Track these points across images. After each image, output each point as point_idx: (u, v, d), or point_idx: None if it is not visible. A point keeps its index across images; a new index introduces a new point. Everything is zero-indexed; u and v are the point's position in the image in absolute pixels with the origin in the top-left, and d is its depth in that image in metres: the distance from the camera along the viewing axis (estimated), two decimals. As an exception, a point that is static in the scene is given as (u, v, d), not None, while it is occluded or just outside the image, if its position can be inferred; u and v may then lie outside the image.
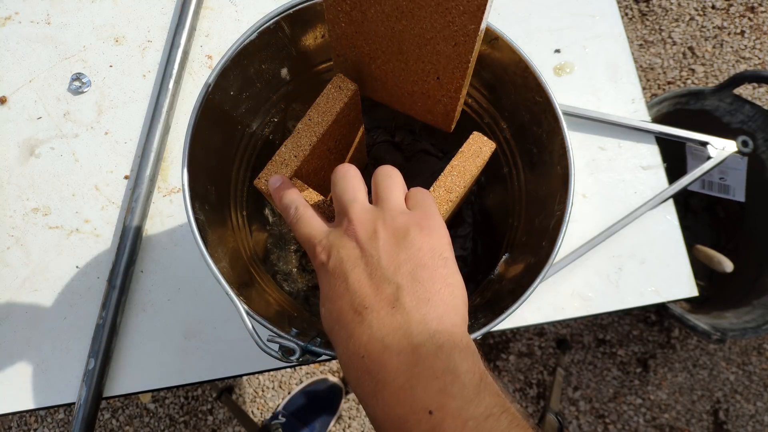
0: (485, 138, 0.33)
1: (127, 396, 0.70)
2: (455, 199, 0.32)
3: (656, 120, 0.92)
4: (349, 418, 1.09)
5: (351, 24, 0.32)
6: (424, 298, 0.24)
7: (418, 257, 0.25)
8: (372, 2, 0.31)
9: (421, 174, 0.53)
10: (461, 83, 0.31)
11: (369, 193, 0.29)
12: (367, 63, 0.35)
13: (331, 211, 0.31)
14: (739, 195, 0.80)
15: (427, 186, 0.31)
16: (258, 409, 1.09)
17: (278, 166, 0.33)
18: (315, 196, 0.32)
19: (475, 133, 0.33)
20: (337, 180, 0.29)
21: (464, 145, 0.33)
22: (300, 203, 0.30)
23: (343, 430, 1.09)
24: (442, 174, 0.32)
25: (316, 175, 0.38)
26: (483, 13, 0.27)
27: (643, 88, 1.26)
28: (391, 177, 0.29)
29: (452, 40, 0.29)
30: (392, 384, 0.23)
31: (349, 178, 0.28)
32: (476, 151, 0.33)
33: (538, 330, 1.15)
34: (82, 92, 0.57)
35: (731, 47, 1.28)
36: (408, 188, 0.29)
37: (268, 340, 0.32)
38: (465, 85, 0.31)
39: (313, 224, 0.28)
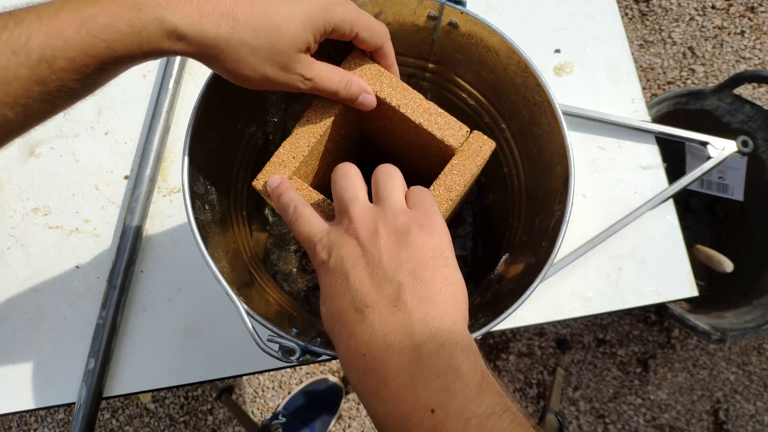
0: (485, 137, 0.33)
1: (127, 396, 0.70)
2: (455, 198, 0.32)
3: (656, 120, 0.92)
4: (350, 418, 1.09)
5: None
6: (426, 297, 0.24)
7: (419, 256, 0.25)
8: (384, 122, 0.35)
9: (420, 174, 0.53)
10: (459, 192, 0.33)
11: (369, 192, 0.29)
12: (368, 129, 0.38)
13: (330, 210, 0.31)
14: (737, 194, 0.80)
15: (428, 185, 0.31)
16: (258, 409, 1.09)
17: (276, 167, 0.33)
18: (315, 195, 0.32)
19: (475, 132, 0.33)
20: (337, 179, 0.29)
21: (464, 144, 0.33)
22: (299, 202, 0.30)
23: (343, 430, 1.09)
24: (442, 173, 0.32)
25: (316, 175, 0.38)
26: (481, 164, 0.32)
27: (643, 88, 1.26)
28: (391, 176, 0.29)
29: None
30: (394, 382, 0.23)
31: (349, 176, 0.28)
32: (476, 150, 0.33)
33: (538, 330, 1.15)
34: (82, 92, 0.57)
35: (731, 47, 1.28)
36: (408, 187, 0.30)
37: (268, 340, 0.32)
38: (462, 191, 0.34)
39: (312, 223, 0.28)
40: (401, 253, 0.25)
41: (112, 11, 0.23)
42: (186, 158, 0.34)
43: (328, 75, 0.30)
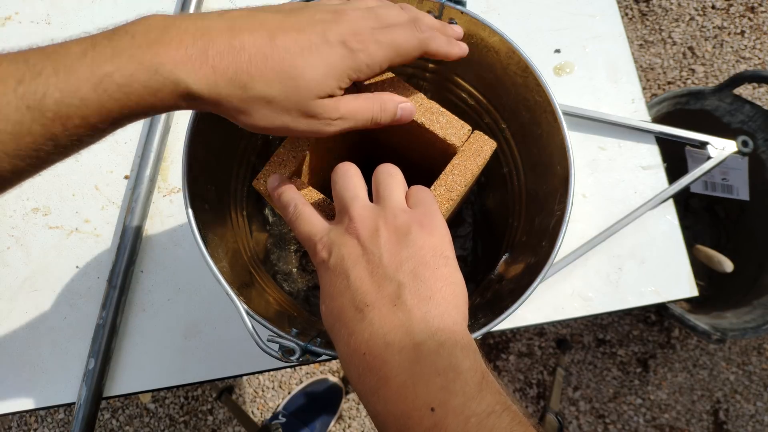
0: (486, 137, 0.33)
1: (127, 396, 0.70)
2: (456, 197, 0.32)
3: (656, 120, 0.92)
4: (349, 418, 1.09)
5: None
6: (426, 296, 0.24)
7: (420, 255, 0.25)
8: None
9: (421, 173, 0.53)
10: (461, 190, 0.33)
11: (369, 191, 0.29)
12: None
13: (331, 209, 0.31)
14: (743, 194, 0.80)
15: (428, 184, 0.31)
16: (258, 409, 1.09)
17: (276, 167, 0.33)
18: (315, 194, 0.32)
19: (476, 132, 0.33)
20: (337, 178, 0.29)
21: (465, 144, 0.33)
22: (299, 201, 0.30)
23: (343, 430, 1.09)
24: (442, 173, 0.33)
25: (316, 175, 0.38)
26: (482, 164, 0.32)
27: (643, 88, 1.26)
28: (392, 175, 0.29)
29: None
30: (394, 380, 0.23)
31: (349, 176, 0.28)
32: (477, 150, 0.33)
33: (538, 330, 1.15)
34: (82, 92, 0.57)
35: (731, 47, 1.28)
36: (409, 186, 0.30)
37: (268, 340, 0.32)
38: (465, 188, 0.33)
39: (313, 222, 0.28)
40: (402, 252, 0.25)
41: (130, 72, 0.23)
42: (186, 158, 0.34)
43: (357, 107, 0.28)
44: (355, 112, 0.28)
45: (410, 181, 0.30)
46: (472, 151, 0.33)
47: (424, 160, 0.38)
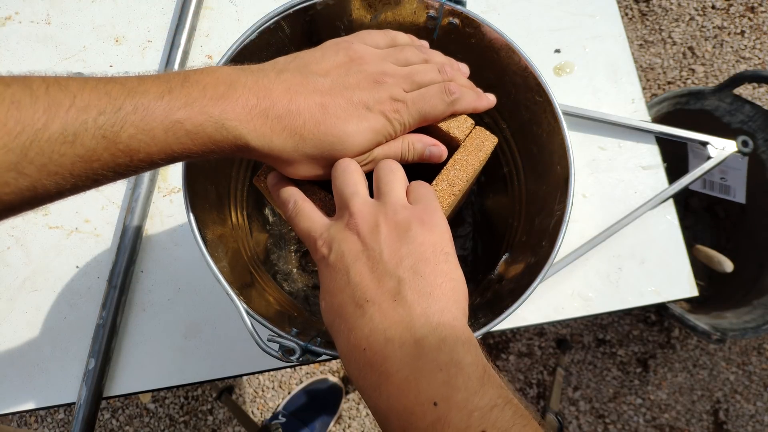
0: (487, 132, 0.34)
1: (127, 396, 0.70)
2: (458, 192, 0.32)
3: (656, 120, 0.92)
4: (349, 418, 1.09)
5: None
6: (426, 292, 0.24)
7: (420, 252, 0.25)
8: None
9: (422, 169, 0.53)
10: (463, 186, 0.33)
11: (370, 187, 0.29)
12: None
13: (331, 206, 0.31)
14: (739, 196, 0.80)
15: (429, 180, 0.31)
16: (258, 409, 1.09)
17: None
18: (315, 191, 0.32)
19: (477, 127, 0.33)
20: (337, 174, 0.29)
21: (467, 139, 0.33)
22: (299, 197, 0.30)
23: (343, 430, 1.09)
24: (444, 168, 0.33)
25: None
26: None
27: (643, 88, 1.26)
28: (393, 171, 0.29)
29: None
30: (396, 376, 0.23)
31: (349, 172, 0.29)
32: (479, 145, 0.33)
33: (538, 330, 1.15)
34: (82, 92, 0.57)
35: (731, 47, 1.28)
36: (409, 182, 0.30)
37: (268, 340, 0.32)
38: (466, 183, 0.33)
39: (313, 218, 0.29)
40: (402, 248, 0.25)
41: (199, 122, 0.25)
42: (186, 158, 0.34)
43: (387, 150, 0.31)
44: (385, 154, 0.31)
45: (411, 176, 0.30)
46: (474, 146, 0.33)
47: None
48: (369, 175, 0.30)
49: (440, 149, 0.32)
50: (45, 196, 0.24)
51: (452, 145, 0.34)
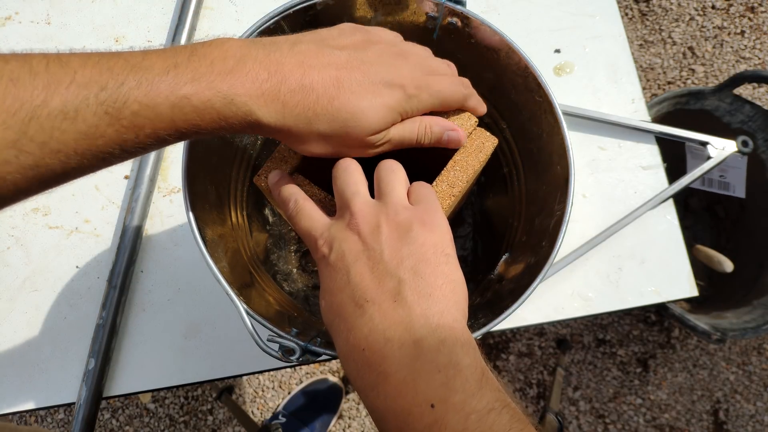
0: (488, 133, 0.34)
1: (127, 396, 0.70)
2: (458, 194, 0.32)
3: (656, 120, 0.92)
4: (350, 417, 1.09)
5: None
6: (426, 293, 0.24)
7: (421, 253, 0.25)
8: None
9: (422, 170, 0.53)
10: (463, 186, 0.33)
11: (370, 187, 0.29)
12: None
13: (332, 206, 0.31)
14: (739, 191, 0.80)
15: (430, 181, 0.31)
16: (258, 409, 1.09)
17: (278, 163, 0.33)
18: (316, 190, 0.32)
19: (477, 128, 0.33)
20: (338, 174, 0.29)
21: (467, 140, 0.33)
22: (299, 196, 0.30)
23: (343, 430, 1.09)
24: (444, 169, 0.33)
25: (316, 172, 0.38)
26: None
27: (643, 88, 1.26)
28: (393, 171, 0.29)
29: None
30: (394, 376, 0.23)
31: (350, 172, 0.29)
32: (479, 146, 0.33)
33: (538, 330, 1.15)
34: (82, 92, 0.57)
35: (731, 47, 1.28)
36: (410, 182, 0.30)
37: (268, 340, 0.32)
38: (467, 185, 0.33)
39: (314, 217, 0.29)
40: (402, 249, 0.25)
41: (206, 98, 0.24)
42: (186, 158, 0.34)
43: (403, 131, 0.30)
44: (401, 135, 0.30)
45: (411, 177, 0.30)
46: (474, 147, 0.33)
47: (425, 156, 0.38)
48: (369, 175, 0.30)
49: (459, 134, 0.31)
50: (51, 176, 0.23)
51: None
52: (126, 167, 0.55)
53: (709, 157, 0.57)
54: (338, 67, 0.27)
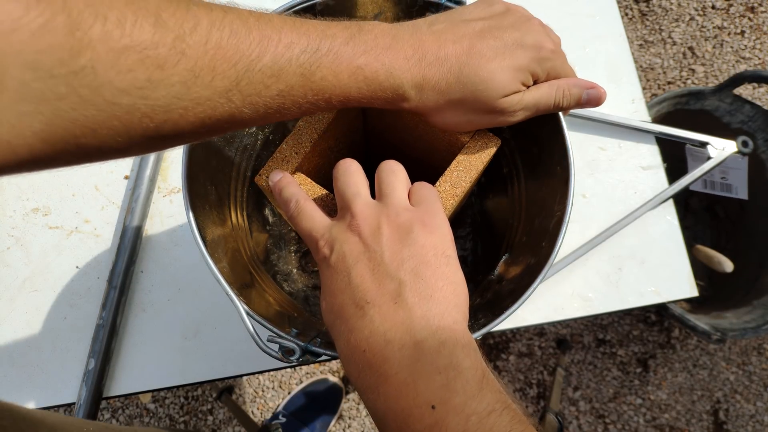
0: (490, 134, 0.34)
1: (127, 396, 0.70)
2: (461, 194, 0.32)
3: (656, 120, 0.92)
4: (350, 418, 1.09)
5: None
6: (427, 295, 0.24)
7: (421, 254, 0.25)
8: (392, 117, 0.36)
9: (423, 170, 0.53)
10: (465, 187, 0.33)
11: (371, 188, 0.29)
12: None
13: (333, 206, 0.31)
14: (741, 193, 0.80)
15: (432, 181, 0.31)
16: (258, 409, 1.09)
17: (279, 163, 0.33)
18: (317, 191, 0.32)
19: (480, 129, 0.33)
20: (339, 175, 0.29)
21: (470, 141, 0.33)
22: (300, 197, 0.30)
23: (343, 430, 1.09)
24: (447, 169, 0.33)
25: (318, 173, 0.38)
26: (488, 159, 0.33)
27: (643, 88, 1.26)
28: (395, 173, 0.29)
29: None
30: (395, 378, 0.23)
31: (351, 173, 0.29)
32: (482, 147, 0.33)
33: (538, 330, 1.15)
34: (82, 92, 0.57)
35: (731, 47, 1.28)
36: (412, 182, 0.30)
37: (268, 340, 0.32)
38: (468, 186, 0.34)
39: (315, 218, 0.28)
40: (403, 250, 0.25)
41: (375, 69, 0.26)
42: (186, 158, 0.34)
43: (539, 96, 0.30)
44: (537, 101, 0.30)
45: (412, 177, 0.30)
46: (477, 147, 0.33)
47: (426, 157, 0.38)
48: (370, 175, 0.30)
49: (599, 91, 0.32)
50: (234, 125, 0.24)
51: (456, 145, 0.34)
52: (126, 167, 0.55)
53: (709, 158, 0.57)
54: (472, 36, 0.28)
